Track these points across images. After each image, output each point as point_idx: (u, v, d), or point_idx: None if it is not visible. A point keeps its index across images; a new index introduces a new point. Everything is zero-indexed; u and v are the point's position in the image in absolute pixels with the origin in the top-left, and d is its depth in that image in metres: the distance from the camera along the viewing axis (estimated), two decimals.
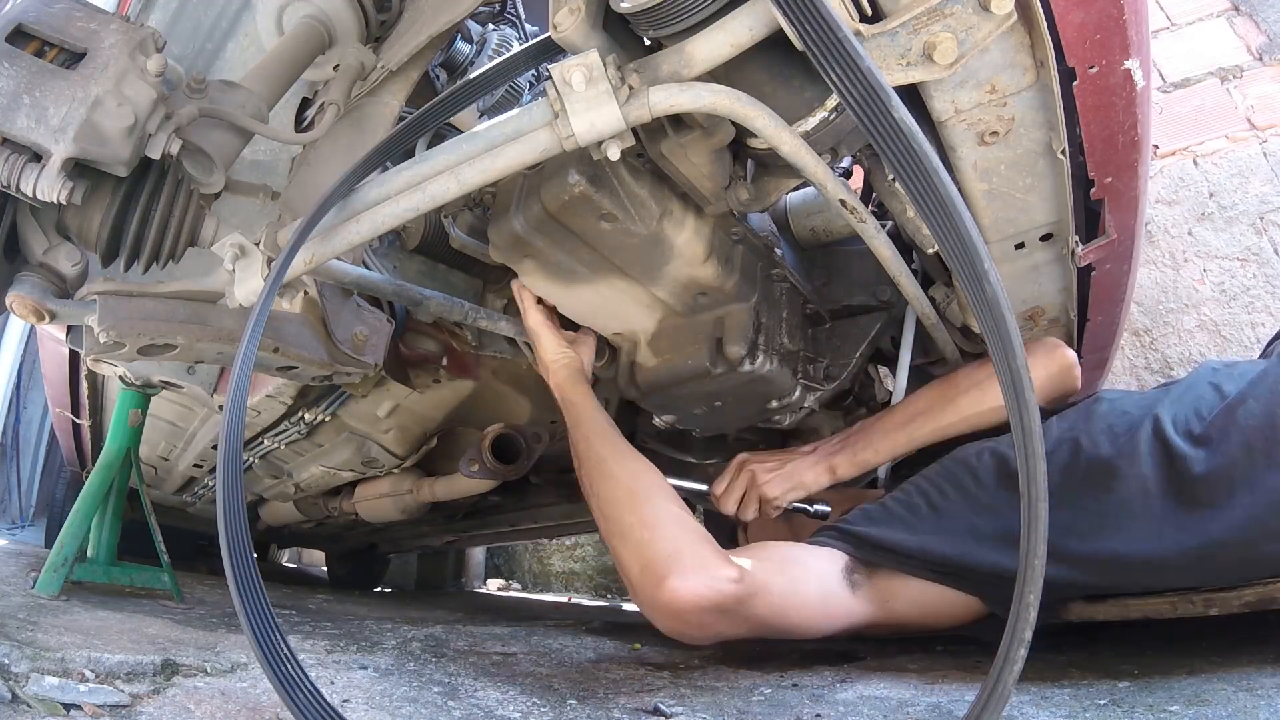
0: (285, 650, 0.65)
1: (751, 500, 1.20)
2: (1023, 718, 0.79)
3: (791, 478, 1.18)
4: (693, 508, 2.11)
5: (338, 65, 1.00)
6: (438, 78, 1.34)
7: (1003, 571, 0.95)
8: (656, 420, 1.24)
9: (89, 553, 1.66)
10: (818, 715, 0.88)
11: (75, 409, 2.15)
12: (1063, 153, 0.83)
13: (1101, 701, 0.84)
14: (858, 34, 0.64)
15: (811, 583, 0.99)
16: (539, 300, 1.15)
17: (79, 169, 0.74)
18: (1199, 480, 0.89)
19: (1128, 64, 0.77)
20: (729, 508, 1.21)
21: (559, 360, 1.15)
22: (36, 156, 0.71)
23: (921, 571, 1.02)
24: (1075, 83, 0.77)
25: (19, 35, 0.71)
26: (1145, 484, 0.92)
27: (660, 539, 0.93)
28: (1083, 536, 0.94)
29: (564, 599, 3.85)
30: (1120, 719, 0.77)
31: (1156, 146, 2.78)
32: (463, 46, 1.34)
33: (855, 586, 1.02)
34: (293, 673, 0.64)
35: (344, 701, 0.86)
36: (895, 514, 1.05)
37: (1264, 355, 1.16)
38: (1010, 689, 0.53)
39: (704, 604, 0.88)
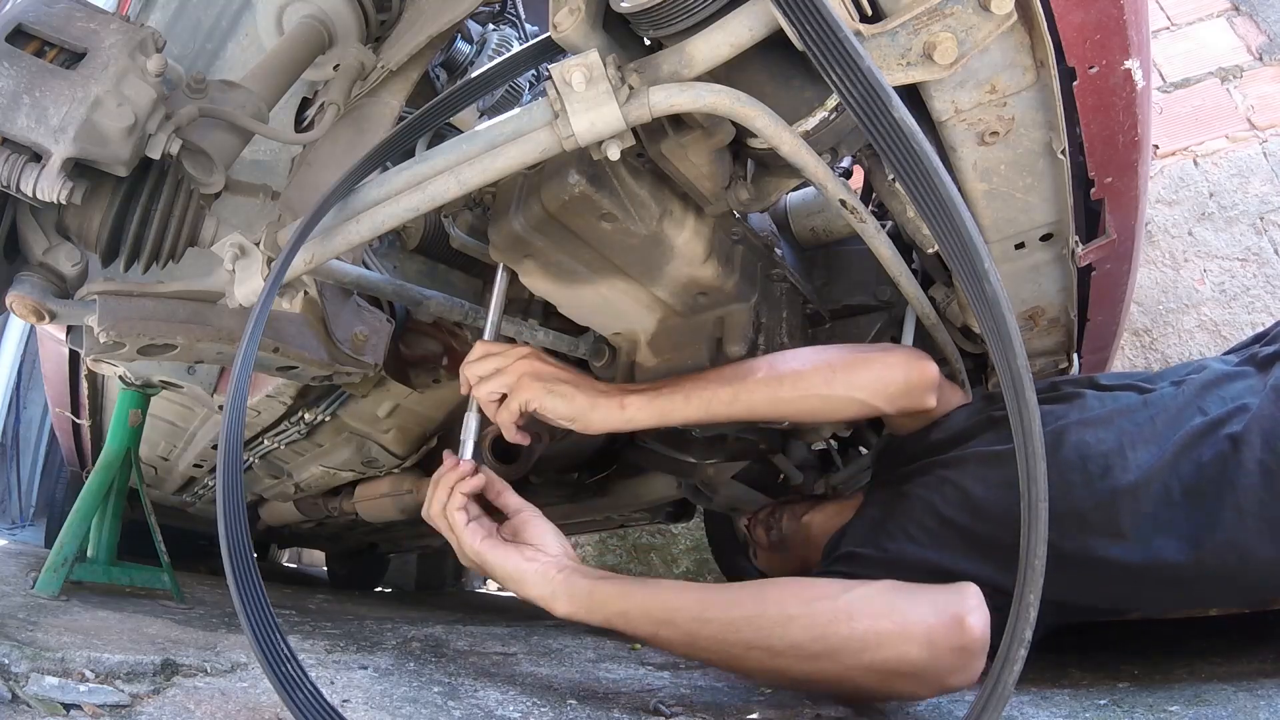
0: (285, 650, 0.65)
1: (509, 399, 0.97)
2: (1023, 718, 0.79)
3: (567, 398, 0.96)
4: (692, 507, 2.13)
5: (338, 65, 1.00)
6: (438, 78, 1.34)
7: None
8: None
9: (89, 553, 1.66)
10: (817, 715, 0.88)
11: (75, 409, 2.15)
12: (1063, 153, 0.83)
13: (1101, 701, 0.84)
14: (858, 34, 0.64)
15: None
16: (469, 514, 0.94)
17: (79, 169, 0.74)
18: None
19: (1128, 64, 0.77)
20: (477, 390, 0.98)
21: (543, 570, 0.89)
22: (36, 156, 0.71)
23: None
24: (1075, 83, 0.77)
25: (19, 35, 0.71)
26: None
27: (888, 597, 0.79)
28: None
29: None
30: (1120, 719, 0.77)
31: (1156, 146, 2.78)
32: (463, 46, 1.34)
33: None
34: (293, 673, 0.64)
35: (344, 701, 0.86)
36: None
37: (1258, 342, 1.10)
38: (1010, 689, 0.53)
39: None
